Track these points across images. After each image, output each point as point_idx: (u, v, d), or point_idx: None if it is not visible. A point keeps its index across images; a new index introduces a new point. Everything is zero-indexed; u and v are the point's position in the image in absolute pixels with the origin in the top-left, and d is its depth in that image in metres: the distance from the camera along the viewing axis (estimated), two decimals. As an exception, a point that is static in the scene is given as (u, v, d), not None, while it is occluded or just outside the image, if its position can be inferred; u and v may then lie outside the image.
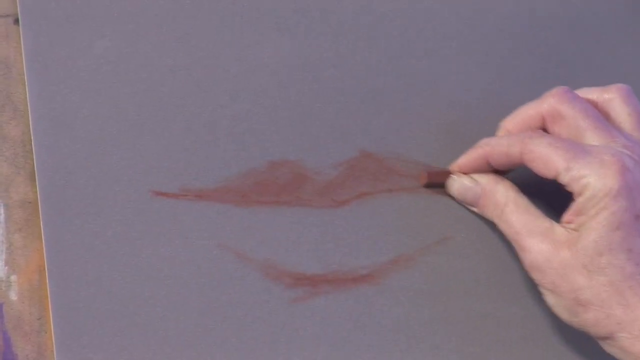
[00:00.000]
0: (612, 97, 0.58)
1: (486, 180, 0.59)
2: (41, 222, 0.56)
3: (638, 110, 0.58)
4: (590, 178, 0.54)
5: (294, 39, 0.62)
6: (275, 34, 0.61)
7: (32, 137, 0.57)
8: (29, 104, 0.57)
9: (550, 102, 0.57)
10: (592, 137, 0.56)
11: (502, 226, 0.58)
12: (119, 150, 0.58)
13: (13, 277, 0.55)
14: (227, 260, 0.58)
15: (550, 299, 0.56)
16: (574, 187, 0.54)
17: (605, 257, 0.53)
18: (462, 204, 0.60)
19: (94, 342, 0.55)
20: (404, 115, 0.62)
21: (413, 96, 0.62)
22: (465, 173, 0.60)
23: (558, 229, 0.55)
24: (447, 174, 0.60)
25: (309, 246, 0.59)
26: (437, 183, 0.60)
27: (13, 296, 0.55)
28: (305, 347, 0.58)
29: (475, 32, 0.64)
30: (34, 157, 0.56)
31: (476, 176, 0.59)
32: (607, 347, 0.55)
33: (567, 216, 0.55)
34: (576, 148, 0.55)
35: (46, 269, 0.55)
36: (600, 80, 0.64)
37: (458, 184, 0.60)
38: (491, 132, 0.61)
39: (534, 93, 0.62)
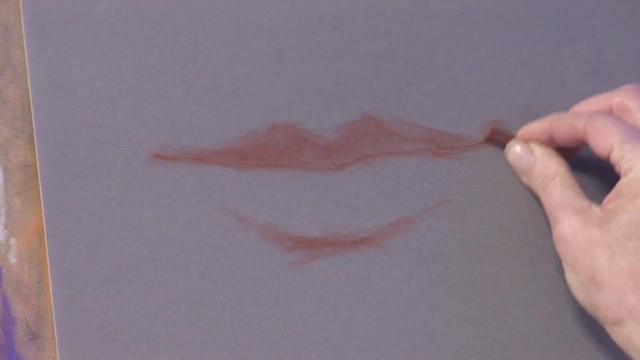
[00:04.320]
0: None
1: (541, 152, 0.59)
2: (40, 186, 0.56)
3: None
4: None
5: (294, 0, 0.61)
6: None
7: (31, 101, 0.57)
8: (27, 67, 0.57)
9: (620, 95, 0.58)
10: None
11: (544, 198, 0.58)
12: (118, 113, 0.58)
13: (12, 240, 0.55)
14: (227, 223, 0.58)
15: (569, 275, 0.56)
16: (622, 166, 0.55)
17: (633, 242, 0.53)
18: (514, 170, 0.61)
19: (92, 305, 0.55)
20: (405, 78, 0.62)
21: (414, 58, 0.62)
22: (527, 141, 0.60)
23: (595, 209, 0.55)
24: (510, 137, 0.61)
25: (309, 209, 0.59)
26: (497, 142, 0.61)
27: (12, 259, 0.55)
28: (305, 309, 0.58)
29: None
30: (33, 120, 0.56)
31: (534, 146, 0.60)
32: (615, 336, 0.55)
33: (607, 197, 0.55)
34: (637, 132, 0.55)
35: (45, 232, 0.55)
36: (602, 45, 0.63)
37: (514, 151, 0.60)
38: (492, 94, 0.60)
39: (534, 55, 0.62)
